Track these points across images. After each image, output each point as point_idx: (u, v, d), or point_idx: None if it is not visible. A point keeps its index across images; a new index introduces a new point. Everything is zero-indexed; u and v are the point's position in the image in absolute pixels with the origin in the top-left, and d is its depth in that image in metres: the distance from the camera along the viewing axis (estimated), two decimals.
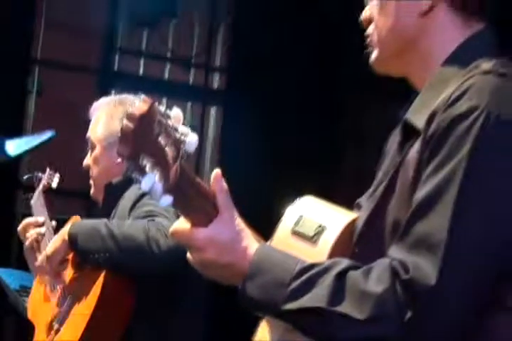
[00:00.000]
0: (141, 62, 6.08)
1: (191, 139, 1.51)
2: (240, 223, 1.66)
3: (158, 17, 5.76)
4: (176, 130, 1.50)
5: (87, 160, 3.17)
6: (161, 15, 5.75)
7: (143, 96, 1.46)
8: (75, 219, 3.07)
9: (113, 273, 2.84)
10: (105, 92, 5.37)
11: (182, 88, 6.08)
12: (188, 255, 1.65)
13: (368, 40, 1.83)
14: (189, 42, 6.24)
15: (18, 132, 5.06)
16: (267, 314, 1.67)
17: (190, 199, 1.60)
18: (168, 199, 1.51)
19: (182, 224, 1.64)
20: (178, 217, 2.67)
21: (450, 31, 1.75)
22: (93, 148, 3.13)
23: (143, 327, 2.91)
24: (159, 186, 1.47)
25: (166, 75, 6.05)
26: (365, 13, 1.83)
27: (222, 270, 1.63)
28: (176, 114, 1.52)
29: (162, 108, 1.49)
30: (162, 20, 5.80)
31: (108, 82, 5.74)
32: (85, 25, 5.47)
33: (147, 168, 1.46)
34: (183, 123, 1.52)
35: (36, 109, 5.55)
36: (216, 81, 6.16)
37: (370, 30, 1.82)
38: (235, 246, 1.62)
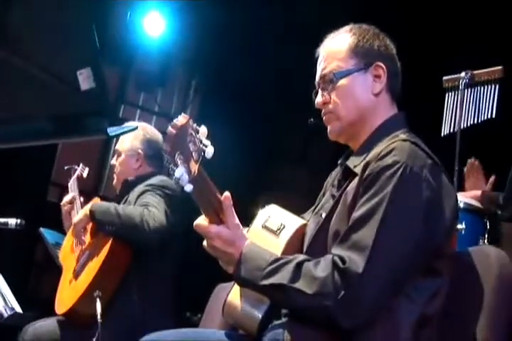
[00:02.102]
0: (137, 112, 6.60)
1: (210, 150, 1.61)
2: (239, 228, 1.82)
3: (152, 85, 6.33)
4: (201, 141, 1.60)
5: (114, 161, 3.54)
6: (154, 83, 6.33)
7: (183, 114, 1.59)
8: (96, 199, 3.39)
9: (117, 240, 3.07)
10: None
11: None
12: (204, 242, 1.84)
13: (325, 117, 1.98)
14: (171, 103, 6.75)
15: (54, 147, 5.63)
16: (250, 288, 1.82)
17: (204, 192, 1.71)
18: (190, 187, 1.62)
19: (202, 220, 1.82)
20: (166, 209, 3.08)
21: (385, 108, 1.96)
22: (119, 155, 3.49)
23: (133, 278, 3.10)
24: (186, 177, 1.58)
25: (153, 123, 6.18)
26: (319, 98, 1.98)
27: (224, 254, 1.82)
28: (203, 130, 1.62)
29: (194, 124, 1.60)
30: (154, 87, 6.35)
31: (113, 124, 6.09)
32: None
33: (179, 163, 1.56)
34: (207, 138, 1.61)
35: None
36: None
37: (327, 109, 1.97)
38: (234, 242, 1.80)
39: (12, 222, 3.14)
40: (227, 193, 1.77)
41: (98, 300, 2.79)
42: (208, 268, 2.03)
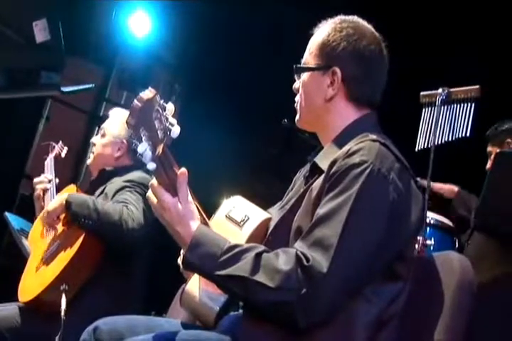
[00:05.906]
0: None
1: (176, 129, 1.57)
2: (191, 206, 1.73)
3: (135, 85, 6.25)
4: (167, 119, 1.55)
5: (95, 140, 3.40)
6: (137, 83, 6.26)
7: (150, 87, 1.54)
8: (71, 187, 3.26)
9: (90, 235, 2.96)
10: (91, 128, 5.99)
11: None
12: (155, 203, 1.73)
13: (296, 104, 1.99)
14: None
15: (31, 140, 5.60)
16: (202, 275, 1.75)
17: (167, 172, 1.63)
18: (152, 165, 1.56)
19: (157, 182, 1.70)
20: (145, 207, 2.96)
21: (346, 113, 1.91)
22: (103, 135, 3.36)
23: (102, 273, 3.00)
24: (149, 154, 1.53)
25: None
26: (295, 85, 1.99)
27: (170, 228, 1.73)
28: (170, 107, 1.57)
29: (162, 101, 1.55)
30: (137, 87, 6.19)
31: (94, 122, 6.14)
32: (86, 81, 5.67)
33: (143, 138, 1.51)
34: (173, 116, 1.57)
35: (44, 130, 5.87)
36: None
37: (296, 97, 1.98)
38: (183, 220, 1.71)
39: None
40: (183, 169, 1.68)
41: (64, 294, 2.62)
42: (176, 267, 1.95)
